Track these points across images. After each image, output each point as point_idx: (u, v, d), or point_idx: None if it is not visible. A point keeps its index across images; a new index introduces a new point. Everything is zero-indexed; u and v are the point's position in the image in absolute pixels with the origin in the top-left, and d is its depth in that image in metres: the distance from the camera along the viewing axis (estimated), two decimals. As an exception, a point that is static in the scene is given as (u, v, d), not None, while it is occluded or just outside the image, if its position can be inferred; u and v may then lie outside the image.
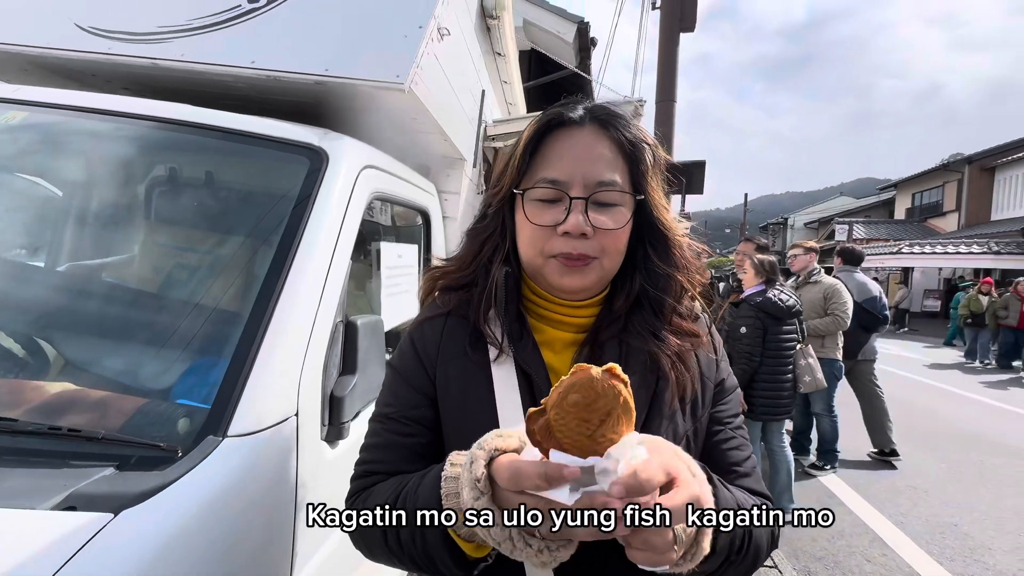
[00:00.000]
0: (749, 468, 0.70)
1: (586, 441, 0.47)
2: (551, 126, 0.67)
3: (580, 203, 0.63)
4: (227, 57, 1.34)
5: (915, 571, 2.89)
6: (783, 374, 3.26)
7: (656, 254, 0.69)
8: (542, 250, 0.65)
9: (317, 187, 1.12)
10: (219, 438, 0.77)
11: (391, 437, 0.67)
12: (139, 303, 1.16)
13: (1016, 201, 18.63)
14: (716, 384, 0.72)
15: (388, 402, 0.70)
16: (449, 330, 0.70)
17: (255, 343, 0.87)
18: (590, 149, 0.65)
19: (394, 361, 0.73)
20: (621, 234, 0.65)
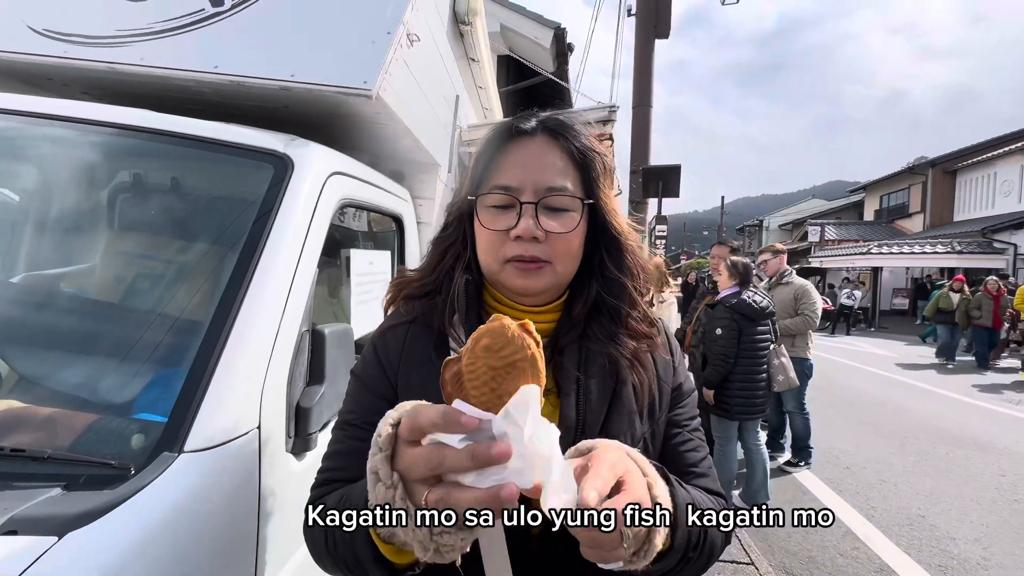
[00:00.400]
0: (706, 468, 0.72)
1: (492, 398, 0.45)
2: (505, 136, 0.69)
3: (530, 208, 0.65)
4: (189, 61, 1.31)
5: (885, 563, 2.98)
6: (757, 374, 3.34)
7: (611, 260, 0.71)
8: (497, 255, 0.66)
9: (282, 194, 1.10)
10: (175, 454, 0.75)
11: (353, 444, 0.67)
12: (95, 314, 1.12)
13: (977, 203, 19.46)
14: (674, 388, 0.74)
15: (351, 409, 0.70)
16: (412, 337, 0.70)
17: (214, 354, 0.85)
18: (540, 157, 0.67)
19: (357, 369, 0.73)
20: (572, 238, 0.67)
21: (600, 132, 2.59)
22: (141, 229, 1.21)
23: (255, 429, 0.87)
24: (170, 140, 1.16)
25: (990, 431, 5.62)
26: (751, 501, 3.49)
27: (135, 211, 1.21)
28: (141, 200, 1.20)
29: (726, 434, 3.46)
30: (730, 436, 3.46)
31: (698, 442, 0.74)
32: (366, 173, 1.55)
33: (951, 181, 20.73)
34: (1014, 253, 15.31)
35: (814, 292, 4.14)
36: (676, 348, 0.78)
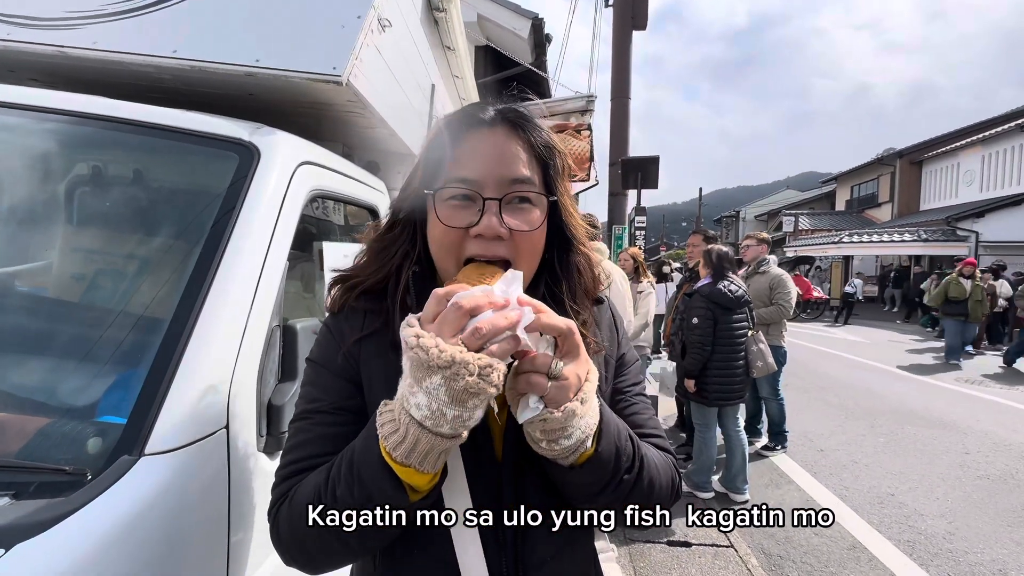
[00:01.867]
0: (653, 428, 0.75)
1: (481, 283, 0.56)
2: (462, 126, 0.65)
3: (494, 204, 0.61)
4: (146, 45, 1.24)
5: (857, 541, 3.08)
6: (735, 361, 3.40)
7: (562, 258, 0.71)
8: (457, 255, 0.63)
9: (247, 185, 1.05)
10: (134, 457, 0.71)
11: (322, 431, 0.64)
12: (50, 313, 1.06)
13: (941, 192, 20.18)
14: (617, 359, 0.77)
15: (315, 397, 0.66)
16: (369, 325, 0.67)
17: (177, 352, 0.81)
18: (502, 148, 0.64)
19: (314, 355, 0.69)
20: (537, 236, 0.65)
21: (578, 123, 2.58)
22: (97, 224, 1.15)
23: (222, 429, 0.84)
24: (127, 129, 1.10)
25: (954, 411, 5.87)
26: (730, 485, 3.57)
27: (91, 205, 1.15)
28: (97, 193, 1.14)
29: (705, 420, 3.52)
30: (709, 423, 3.52)
31: (642, 405, 0.76)
32: (338, 163, 1.50)
33: (917, 172, 21.44)
34: (976, 240, 15.95)
35: (789, 283, 4.23)
36: (620, 322, 0.81)
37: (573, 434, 0.55)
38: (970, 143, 18.34)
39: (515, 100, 0.71)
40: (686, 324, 3.50)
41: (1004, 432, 5.12)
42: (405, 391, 0.52)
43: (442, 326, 0.50)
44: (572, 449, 0.57)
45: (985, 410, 5.93)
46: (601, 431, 0.59)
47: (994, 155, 17.50)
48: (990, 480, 3.98)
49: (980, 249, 15.77)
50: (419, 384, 0.50)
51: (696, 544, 3.00)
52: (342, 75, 1.25)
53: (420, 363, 0.49)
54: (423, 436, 0.51)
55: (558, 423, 0.54)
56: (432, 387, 0.49)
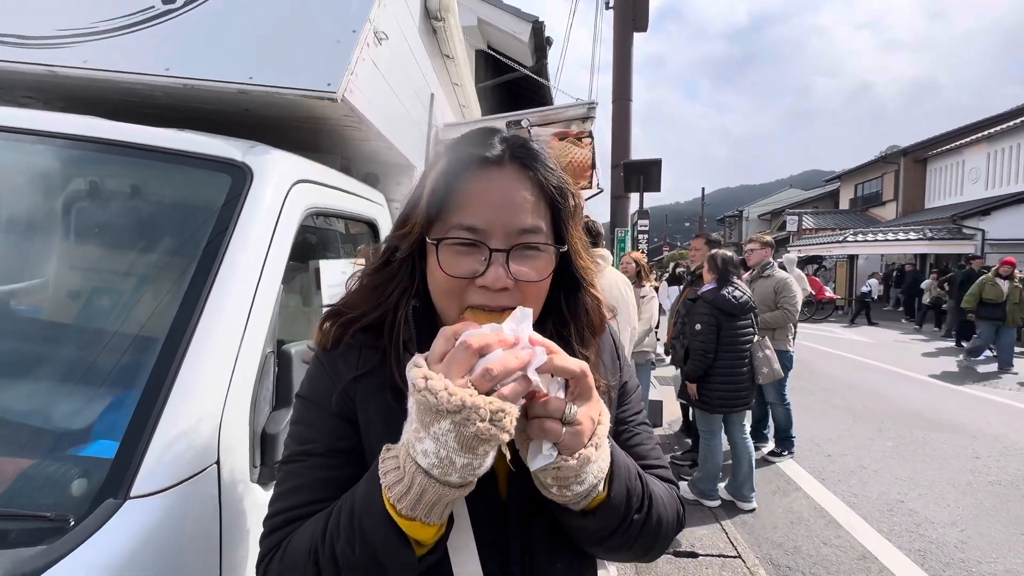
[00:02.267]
0: (656, 458, 0.73)
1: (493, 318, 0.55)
2: (467, 166, 0.60)
3: (501, 255, 0.58)
4: (138, 63, 1.22)
5: (867, 550, 3.03)
6: (740, 367, 3.35)
7: (568, 300, 0.68)
8: (459, 302, 0.60)
9: (240, 206, 1.03)
10: (120, 501, 0.68)
11: (317, 474, 0.60)
12: (36, 338, 1.04)
13: (946, 190, 20.02)
14: (619, 388, 0.74)
15: (307, 438, 0.62)
16: (365, 362, 0.63)
17: (165, 386, 0.79)
18: (511, 193, 0.59)
19: (305, 391, 0.65)
20: (543, 285, 0.62)
21: (579, 130, 2.56)
22: (86, 248, 1.13)
23: (213, 464, 0.81)
24: (117, 151, 1.08)
25: (963, 413, 5.79)
26: (737, 493, 3.52)
27: (79, 228, 1.12)
28: (86, 217, 1.12)
29: (711, 427, 3.48)
30: (715, 429, 3.48)
31: (645, 435, 0.74)
32: (335, 179, 1.48)
33: (922, 169, 21.28)
34: (982, 238, 15.80)
35: (794, 286, 4.18)
36: (621, 348, 0.79)
37: (586, 480, 0.53)
38: (975, 140, 18.19)
39: (521, 130, 0.67)
40: (688, 329, 3.46)
41: (1015, 436, 5.05)
42: (411, 437, 0.49)
43: (451, 366, 0.48)
44: (584, 495, 0.54)
45: (995, 412, 5.85)
46: (612, 474, 0.57)
47: (999, 152, 17.35)
48: (1002, 486, 3.91)
49: (986, 247, 15.62)
50: (426, 429, 0.47)
51: (703, 555, 2.96)
52: (337, 91, 1.22)
53: (428, 407, 0.46)
54: (430, 486, 0.48)
55: (572, 471, 0.52)
56: (441, 433, 0.46)
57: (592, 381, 0.54)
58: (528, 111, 2.55)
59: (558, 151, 2.54)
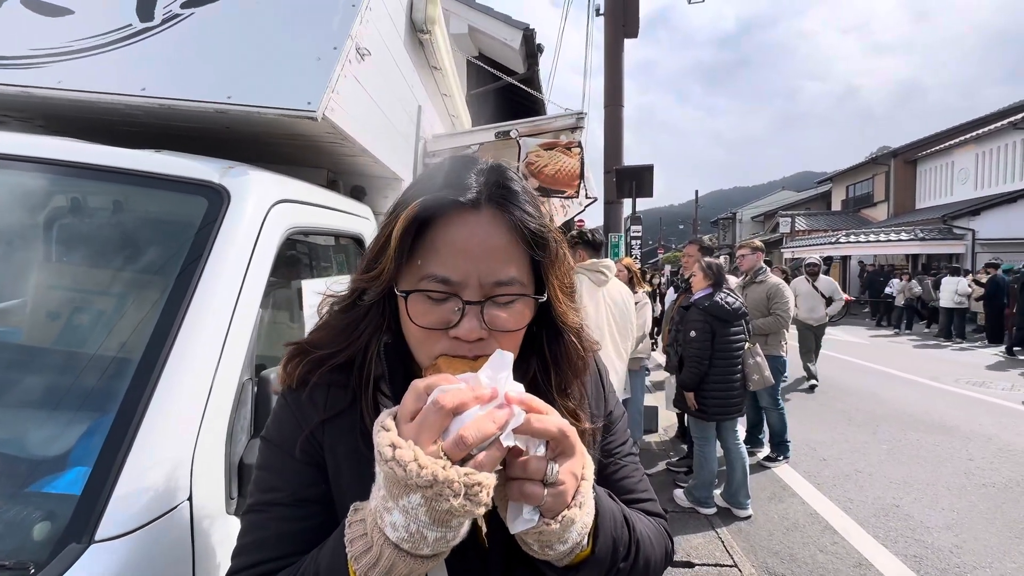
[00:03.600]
0: (643, 492, 0.71)
1: (468, 371, 0.50)
2: (439, 209, 0.55)
3: (475, 307, 0.54)
4: (113, 84, 1.20)
5: (863, 557, 3.02)
6: (733, 374, 3.35)
7: (549, 342, 0.64)
8: (430, 351, 0.57)
9: (216, 229, 1.01)
10: (83, 545, 0.66)
11: (281, 527, 0.56)
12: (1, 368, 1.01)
13: (936, 190, 20.23)
14: (604, 418, 0.72)
15: (272, 486, 0.58)
16: (334, 402, 0.60)
17: (133, 423, 0.77)
18: (485, 241, 0.55)
19: (270, 433, 0.62)
20: (518, 335, 0.59)
21: (569, 140, 2.55)
22: (55, 272, 1.10)
23: (185, 501, 0.79)
24: (91, 173, 1.05)
25: (956, 415, 5.81)
26: (732, 500, 3.51)
27: (52, 251, 1.10)
28: (59, 239, 1.09)
29: (704, 435, 3.47)
30: (708, 436, 3.47)
31: (631, 467, 0.72)
32: (318, 196, 1.46)
33: (912, 170, 21.50)
34: (972, 238, 15.96)
35: (787, 292, 4.19)
36: (606, 374, 0.76)
37: (569, 539, 0.50)
38: (963, 141, 18.40)
39: (500, 168, 0.61)
40: (683, 337, 3.46)
41: (1008, 436, 5.07)
42: (379, 505, 0.45)
43: (421, 431, 0.44)
44: (567, 552, 0.52)
45: (987, 413, 5.88)
46: (597, 526, 0.54)
47: (988, 153, 17.55)
48: (996, 488, 3.92)
49: (977, 247, 15.78)
50: (395, 501, 0.44)
51: (699, 564, 2.94)
52: (317, 110, 1.20)
53: (396, 480, 0.43)
54: (400, 560, 0.45)
55: (554, 534, 0.49)
56: (411, 507, 0.43)
57: (575, 438, 0.51)
58: (517, 122, 2.55)
59: (546, 159, 2.54)
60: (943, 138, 20.11)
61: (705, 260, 3.52)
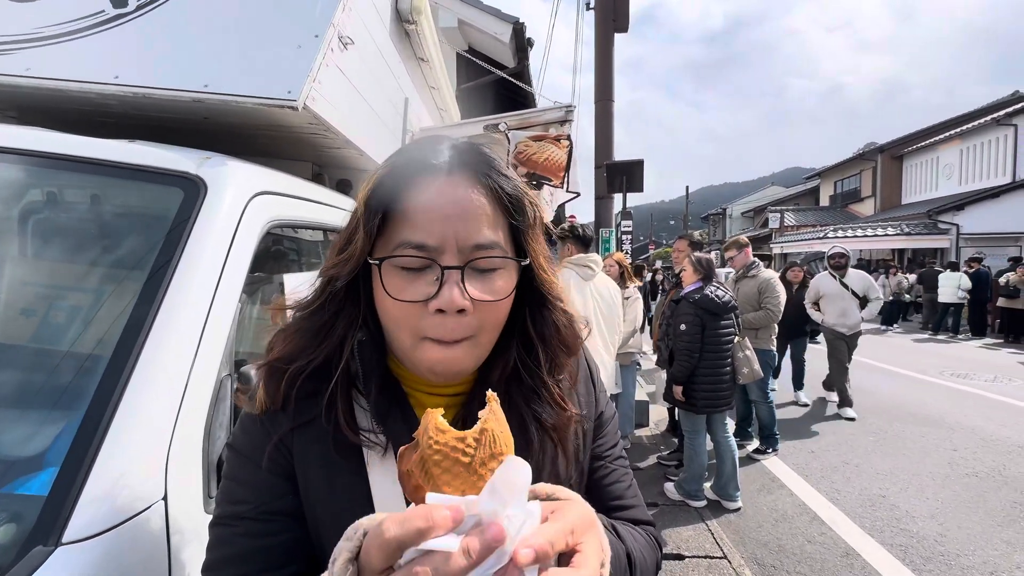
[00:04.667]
0: (631, 498, 0.68)
1: (466, 475, 0.39)
2: (411, 174, 0.53)
3: (455, 273, 0.51)
4: (84, 72, 1.16)
5: (850, 547, 3.06)
6: (722, 367, 3.37)
7: (535, 317, 0.61)
8: (413, 331, 0.53)
9: (192, 222, 0.97)
10: (50, 548, 0.63)
11: (248, 543, 0.53)
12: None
13: (922, 186, 20.51)
14: (595, 419, 0.69)
15: (238, 498, 0.55)
16: (302, 408, 0.57)
17: (103, 421, 0.74)
18: (462, 204, 0.52)
19: (237, 443, 0.58)
20: (503, 305, 0.55)
21: (558, 133, 2.53)
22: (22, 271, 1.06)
23: (160, 501, 0.76)
24: (61, 164, 1.02)
25: (941, 406, 5.91)
26: (722, 492, 3.54)
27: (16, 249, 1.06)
28: (29, 232, 1.05)
29: (694, 427, 3.49)
30: (698, 429, 3.49)
31: (621, 471, 0.69)
32: (302, 189, 1.42)
33: (898, 166, 21.77)
34: (956, 233, 16.21)
35: (779, 286, 4.22)
36: (596, 373, 0.73)
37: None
38: (948, 137, 18.66)
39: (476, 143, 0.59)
40: (673, 331, 3.47)
41: (991, 427, 5.16)
42: None
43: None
44: None
45: (972, 405, 5.98)
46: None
47: (971, 148, 17.83)
48: (979, 478, 3.99)
49: (961, 241, 16.03)
50: None
51: (689, 556, 2.96)
52: (298, 99, 1.17)
53: None
54: None
55: None
56: None
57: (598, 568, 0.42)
58: (506, 115, 2.52)
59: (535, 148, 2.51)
60: (928, 134, 20.39)
61: (695, 255, 3.53)
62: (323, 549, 0.55)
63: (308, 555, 0.56)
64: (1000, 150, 16.69)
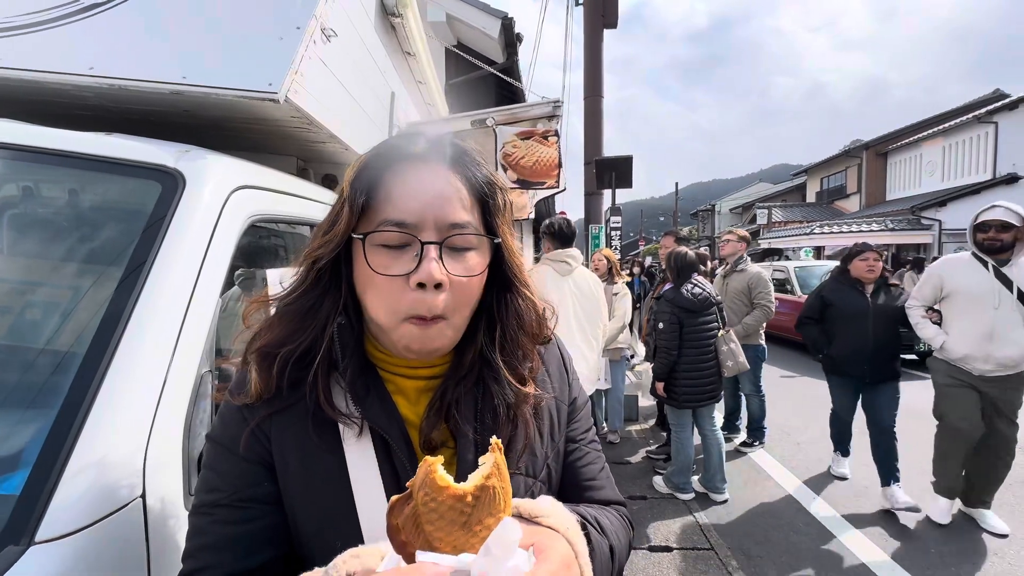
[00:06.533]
0: (603, 480, 0.72)
1: (460, 533, 0.39)
2: (390, 161, 0.58)
3: (433, 248, 0.55)
4: (58, 62, 1.13)
5: (835, 536, 3.12)
6: (704, 363, 3.39)
7: (504, 300, 0.64)
8: (396, 308, 0.55)
9: (170, 216, 0.96)
10: (22, 547, 0.62)
11: (223, 531, 0.55)
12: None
13: (906, 182, 20.85)
14: (569, 403, 0.72)
15: (214, 486, 0.57)
16: (284, 397, 0.59)
17: (77, 418, 0.72)
18: (439, 187, 0.57)
19: (215, 433, 0.60)
20: (476, 283, 0.59)
21: (546, 129, 2.53)
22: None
23: (138, 498, 0.75)
24: (32, 156, 0.99)
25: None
26: (709, 485, 3.58)
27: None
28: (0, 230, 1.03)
29: (680, 421, 3.53)
30: (684, 423, 3.52)
31: (594, 454, 0.72)
32: (285, 183, 1.41)
33: (883, 163, 22.09)
34: (939, 228, 16.52)
35: (768, 281, 4.27)
36: (569, 362, 0.76)
37: None
38: (931, 135, 18.97)
39: (450, 133, 0.64)
40: (654, 328, 3.50)
41: (970, 418, 5.26)
42: None
43: None
44: None
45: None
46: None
47: (953, 146, 18.14)
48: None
49: (944, 237, 16.34)
50: None
51: (677, 548, 2.99)
52: (279, 91, 1.16)
53: None
54: None
55: None
56: None
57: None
58: (493, 110, 2.52)
59: (523, 150, 2.51)
60: (912, 131, 20.71)
61: (669, 251, 3.54)
62: (300, 533, 0.57)
63: (285, 541, 0.57)
64: (981, 147, 17.00)
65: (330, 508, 0.56)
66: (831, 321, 3.47)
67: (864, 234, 17.95)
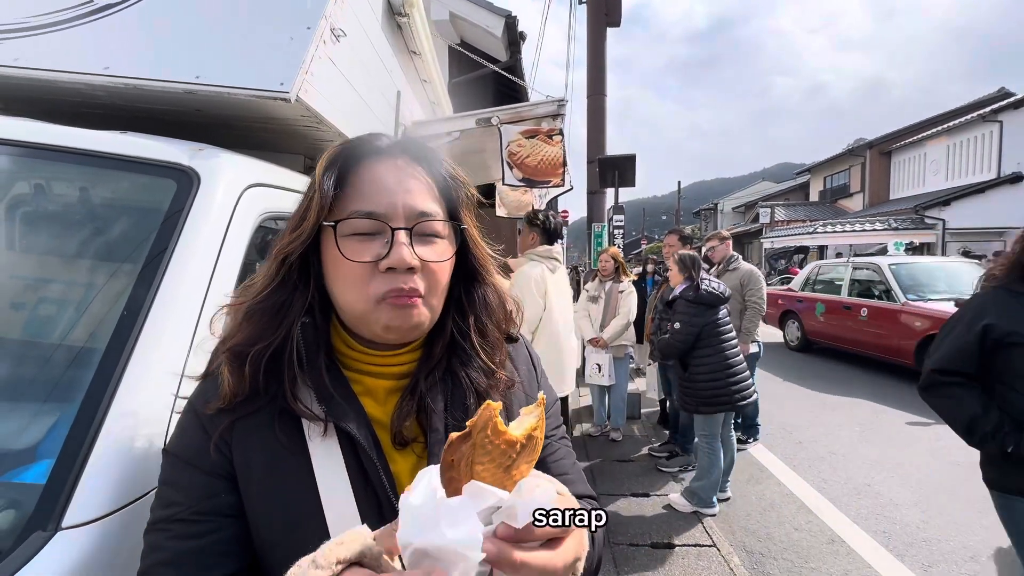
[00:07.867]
0: (575, 475, 0.72)
1: (501, 474, 0.42)
2: (358, 156, 0.60)
3: (403, 233, 0.57)
4: (74, 62, 1.15)
5: (836, 534, 3.13)
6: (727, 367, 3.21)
7: (470, 290, 0.67)
8: (368, 293, 0.56)
9: (185, 213, 0.98)
10: (49, 533, 0.64)
11: (181, 545, 0.52)
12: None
13: (910, 181, 20.78)
14: None
15: (171, 500, 0.54)
16: (249, 402, 0.57)
17: (103, 403, 0.75)
18: (403, 179, 0.60)
19: (172, 445, 0.58)
20: (445, 268, 0.62)
21: (550, 128, 2.54)
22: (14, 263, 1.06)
23: (158, 487, 0.77)
24: (50, 155, 1.01)
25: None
26: (718, 486, 3.57)
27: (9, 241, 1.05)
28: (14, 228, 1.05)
29: (711, 430, 3.30)
30: (716, 432, 3.30)
31: (565, 450, 0.73)
32: (294, 181, 1.43)
33: (887, 162, 22.02)
34: (943, 228, 16.46)
35: (761, 278, 4.27)
36: (538, 360, 0.78)
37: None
38: (935, 133, 18.90)
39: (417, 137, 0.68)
40: (664, 328, 3.48)
41: (973, 417, 5.26)
42: None
43: None
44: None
45: (954, 395, 6.09)
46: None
47: (958, 145, 18.08)
48: (961, 467, 4.09)
49: (947, 236, 16.28)
50: None
51: (679, 545, 3.01)
52: (290, 91, 1.18)
53: None
54: None
55: None
56: None
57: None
58: (498, 108, 2.53)
59: (528, 149, 2.53)
60: (916, 130, 20.63)
61: (678, 253, 3.52)
62: (264, 541, 0.55)
63: (247, 553, 0.56)
64: (985, 146, 16.93)
65: (296, 509, 0.54)
66: (1013, 374, 1.53)
67: (867, 233, 17.90)
